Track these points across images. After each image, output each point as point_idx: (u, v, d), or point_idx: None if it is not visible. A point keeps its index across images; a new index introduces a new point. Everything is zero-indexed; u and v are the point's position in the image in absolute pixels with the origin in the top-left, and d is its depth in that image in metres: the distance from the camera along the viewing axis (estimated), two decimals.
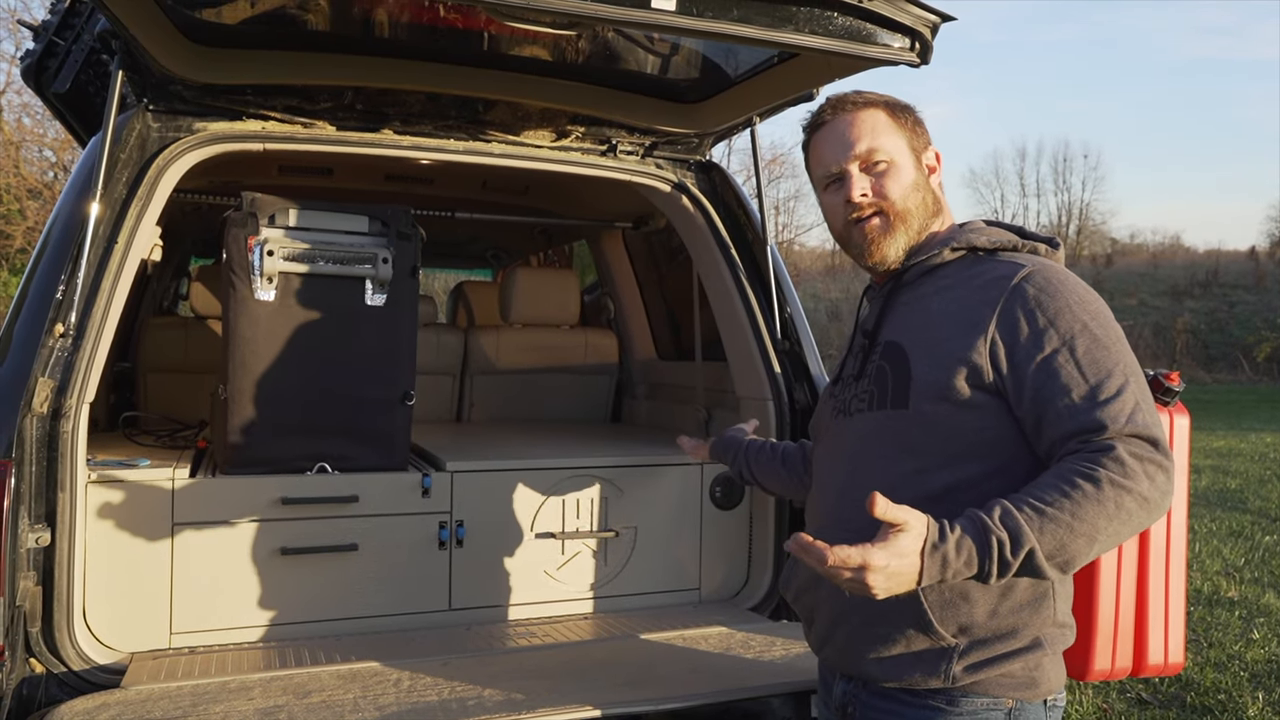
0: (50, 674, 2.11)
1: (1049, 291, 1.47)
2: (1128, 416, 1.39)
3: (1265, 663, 4.23)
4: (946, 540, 1.31)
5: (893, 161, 1.60)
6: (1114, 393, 1.40)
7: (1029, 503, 1.33)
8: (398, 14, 2.26)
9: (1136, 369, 1.46)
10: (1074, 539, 1.32)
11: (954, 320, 1.51)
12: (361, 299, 2.61)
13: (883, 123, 1.61)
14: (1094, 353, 1.43)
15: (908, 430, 1.51)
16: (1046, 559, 1.32)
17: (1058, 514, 1.32)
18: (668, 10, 1.87)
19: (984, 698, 1.48)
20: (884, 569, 1.28)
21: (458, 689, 2.05)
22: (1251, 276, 28.10)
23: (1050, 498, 1.33)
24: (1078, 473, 1.34)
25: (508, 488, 2.68)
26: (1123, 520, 1.34)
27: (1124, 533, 1.36)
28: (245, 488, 2.44)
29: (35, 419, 2.08)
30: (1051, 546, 1.32)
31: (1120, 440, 1.37)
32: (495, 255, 5.95)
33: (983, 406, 1.47)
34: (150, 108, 2.43)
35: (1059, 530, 1.31)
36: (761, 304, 2.86)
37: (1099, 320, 1.47)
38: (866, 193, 1.60)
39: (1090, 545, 1.34)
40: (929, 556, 1.30)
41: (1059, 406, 1.42)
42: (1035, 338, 1.45)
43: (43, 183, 16.98)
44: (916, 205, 1.61)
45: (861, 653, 1.55)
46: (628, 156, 2.91)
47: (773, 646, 2.37)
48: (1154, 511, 1.37)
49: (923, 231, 1.63)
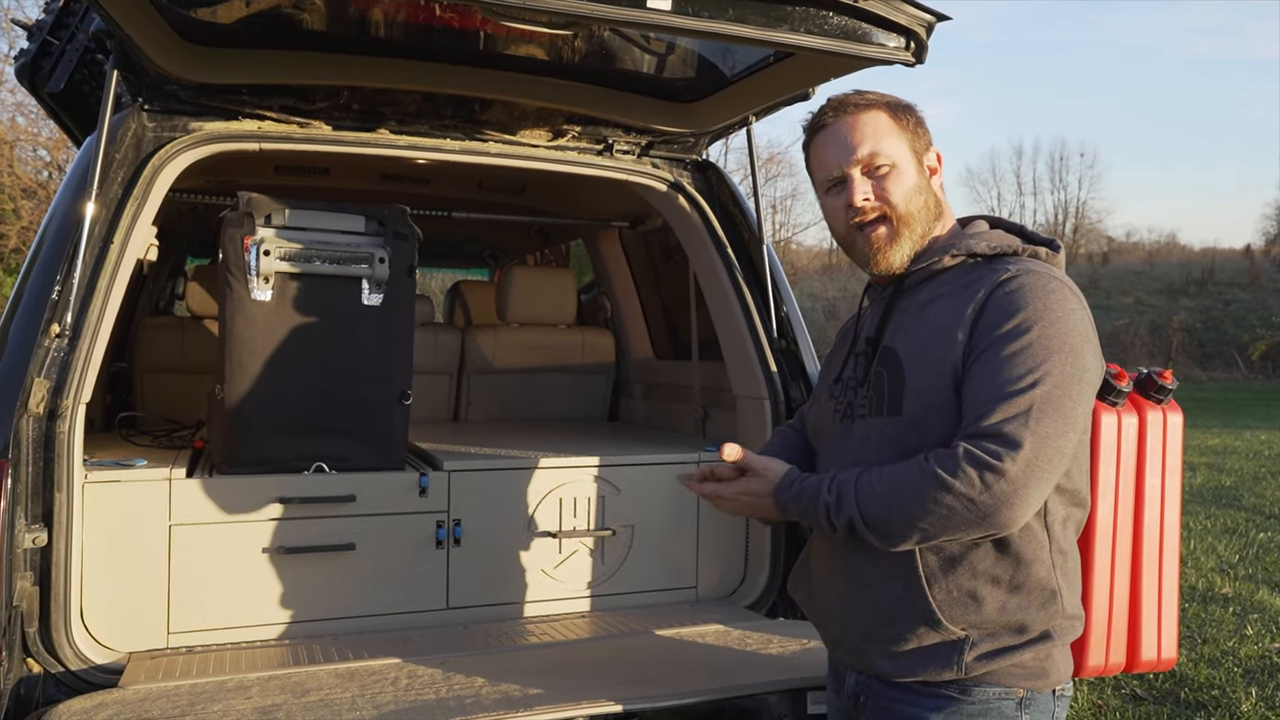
0: (48, 674, 2.11)
1: (1017, 294, 1.47)
2: (1003, 419, 1.39)
3: (1259, 659, 4.25)
4: (788, 490, 1.58)
5: (895, 165, 1.58)
6: (1010, 395, 1.40)
7: (868, 479, 1.49)
8: (394, 13, 2.26)
9: (1064, 380, 1.41)
10: (890, 518, 1.46)
11: (943, 328, 1.52)
12: (358, 299, 2.61)
13: (885, 125, 1.59)
14: (1022, 354, 1.42)
15: (904, 436, 1.53)
16: (868, 528, 1.47)
17: (883, 492, 1.46)
18: (663, 10, 1.87)
19: (996, 687, 1.49)
20: (731, 500, 1.66)
21: (455, 687, 2.05)
22: (1247, 275, 28.19)
23: (885, 478, 1.47)
24: (916, 464, 1.45)
25: (505, 487, 2.68)
26: (943, 516, 1.40)
27: (950, 527, 1.41)
28: (242, 487, 2.44)
29: (31, 419, 2.08)
30: (871, 516, 1.47)
31: (975, 440, 1.40)
32: (492, 255, 5.95)
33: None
34: (146, 107, 2.43)
35: (876, 506, 1.47)
36: (757, 303, 2.87)
37: (1050, 327, 1.44)
38: (869, 197, 1.59)
39: (910, 529, 1.44)
40: (776, 500, 1.60)
41: (968, 396, 1.45)
42: (985, 334, 1.46)
43: (37, 182, 16.93)
44: (919, 209, 1.60)
45: (874, 652, 1.56)
46: (624, 156, 2.92)
47: (769, 644, 2.38)
48: (986, 516, 1.38)
49: (926, 235, 1.62)
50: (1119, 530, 2.09)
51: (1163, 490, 2.12)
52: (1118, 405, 2.10)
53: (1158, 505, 2.12)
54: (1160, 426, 2.13)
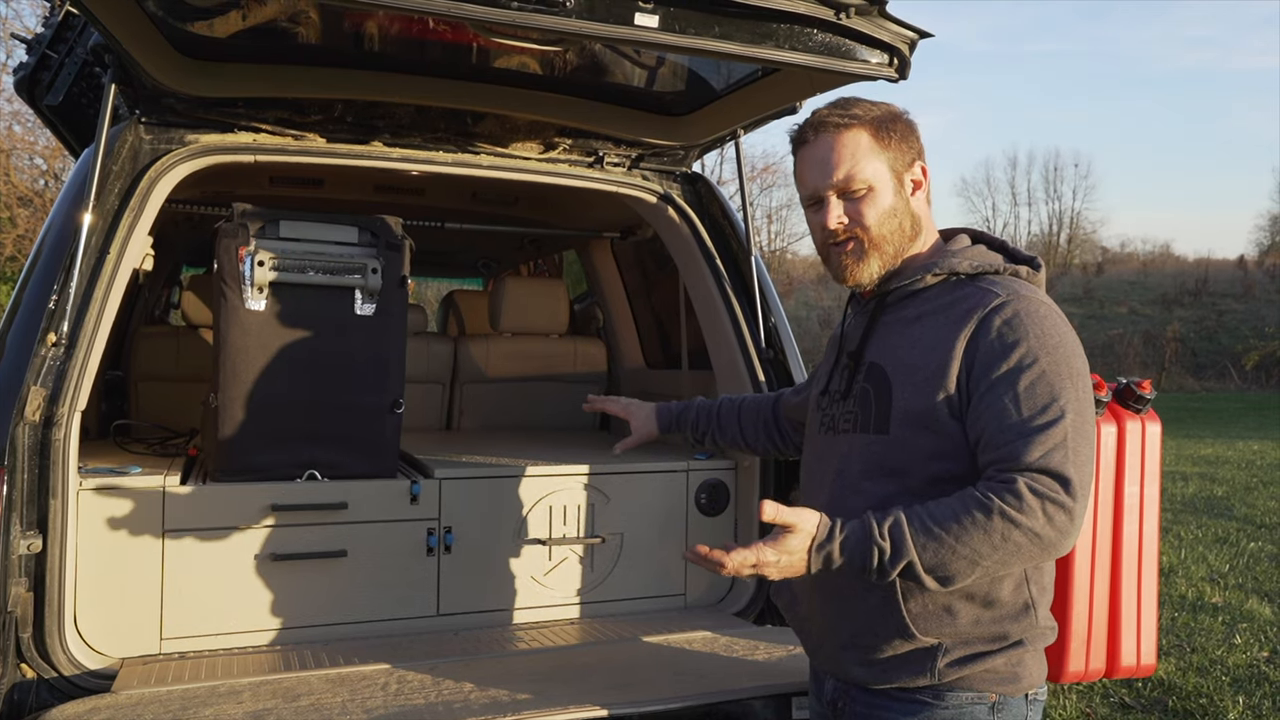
0: (41, 679, 2.13)
1: (1013, 324, 1.50)
2: (1046, 452, 1.43)
3: (1247, 667, 4.28)
4: (832, 541, 1.46)
5: (871, 188, 1.60)
6: (1042, 426, 1.44)
7: (920, 518, 1.44)
8: (387, 28, 2.30)
9: (1082, 406, 1.47)
10: (954, 560, 1.42)
11: (932, 349, 1.55)
12: (351, 309, 2.64)
13: (864, 146, 1.60)
14: (1037, 386, 1.46)
15: (889, 454, 1.56)
16: (926, 572, 1.43)
17: (943, 535, 1.42)
18: (650, 27, 1.92)
19: (968, 692, 1.53)
20: (775, 564, 1.47)
21: (445, 693, 2.08)
22: (1240, 285, 28.30)
23: (942, 517, 1.43)
24: (975, 499, 1.42)
25: (495, 494, 2.71)
26: (1009, 551, 1.41)
27: (1012, 562, 1.43)
28: (236, 495, 2.47)
29: (27, 427, 2.10)
30: (931, 563, 1.43)
31: (1027, 474, 1.42)
32: (485, 265, 5.98)
33: (956, 433, 1.52)
34: (143, 120, 2.46)
35: (941, 550, 1.42)
36: (746, 313, 2.91)
37: (1055, 355, 1.48)
38: (843, 220, 1.61)
39: (972, 568, 1.42)
40: (815, 554, 1.46)
41: (991, 433, 1.47)
42: (988, 366, 1.49)
43: (33, 190, 16.95)
44: (892, 231, 1.62)
45: (851, 659, 1.60)
46: (614, 168, 2.96)
47: (756, 650, 2.41)
48: (1048, 549, 1.43)
49: (899, 255, 1.64)
50: (1098, 538, 2.13)
51: (1141, 498, 2.16)
52: (1097, 415, 2.14)
53: (1136, 513, 2.16)
54: (1139, 436, 2.17)
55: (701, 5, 1.92)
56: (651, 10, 1.90)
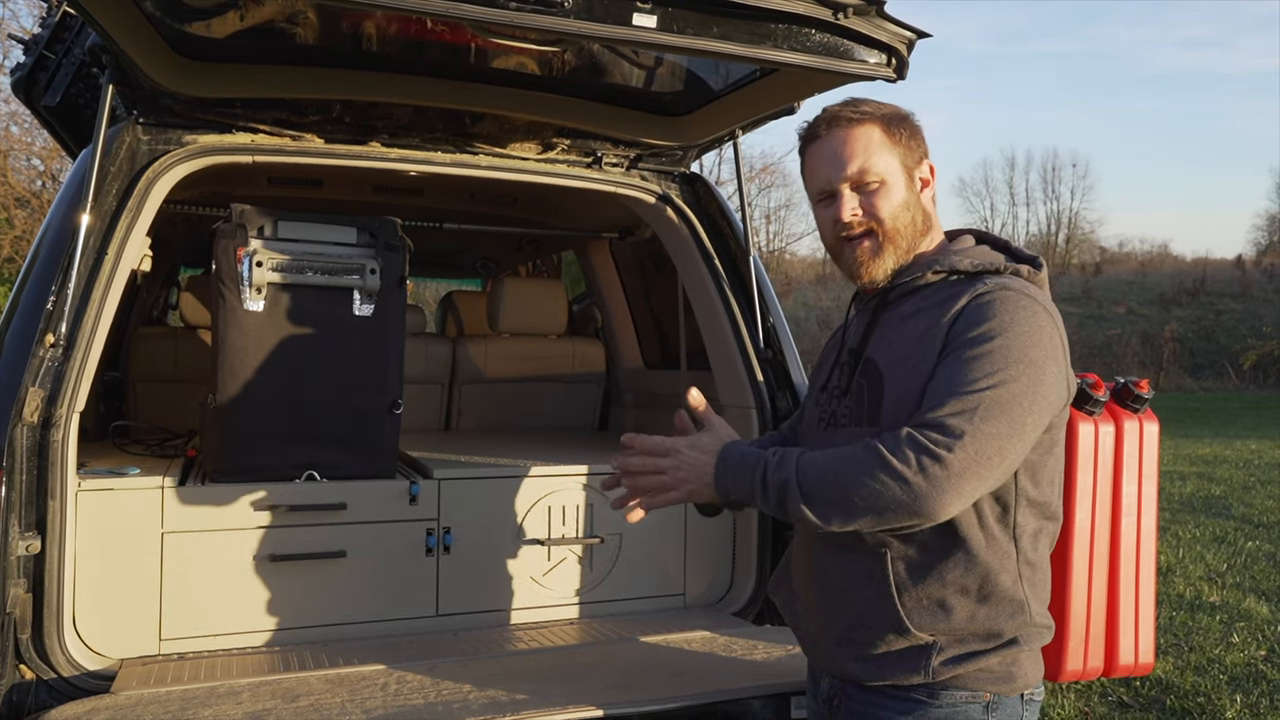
0: (40, 680, 2.13)
1: (986, 308, 1.50)
2: (952, 412, 1.41)
3: (1244, 666, 4.28)
4: (735, 450, 1.54)
5: (884, 181, 1.60)
6: (963, 392, 1.42)
7: (811, 453, 1.50)
8: (385, 29, 2.30)
9: (1018, 390, 1.43)
10: (826, 489, 1.45)
11: (921, 341, 1.55)
12: (349, 309, 2.64)
13: (877, 140, 1.60)
14: (980, 360, 1.45)
15: None
16: (802, 496, 1.46)
17: (823, 465, 1.47)
18: (649, 28, 1.92)
19: (962, 691, 1.53)
20: (682, 454, 1.56)
21: (444, 693, 2.08)
22: (1238, 285, 28.33)
23: (828, 454, 1.48)
24: (861, 442, 1.47)
25: (494, 495, 2.71)
26: (875, 491, 1.40)
27: (885, 508, 1.40)
28: (234, 496, 2.47)
29: (26, 428, 2.11)
30: (808, 486, 1.46)
31: (917, 427, 1.42)
32: (484, 265, 5.98)
33: None
34: (140, 121, 2.46)
35: (815, 476, 1.46)
36: (744, 314, 2.91)
37: (1013, 339, 1.46)
38: (857, 213, 1.61)
39: (842, 500, 1.43)
40: (719, 459, 1.54)
41: (927, 393, 1.47)
42: (951, 341, 1.49)
43: (31, 191, 16.93)
44: (906, 225, 1.62)
45: (846, 656, 1.60)
46: (613, 169, 2.96)
47: (755, 650, 2.41)
48: (920, 500, 1.39)
49: (911, 250, 1.64)
50: (1096, 537, 2.13)
51: (1139, 498, 2.16)
52: (1095, 414, 2.15)
53: (1134, 512, 2.16)
54: (1137, 435, 2.17)
55: (700, 5, 1.92)
56: (649, 10, 1.91)
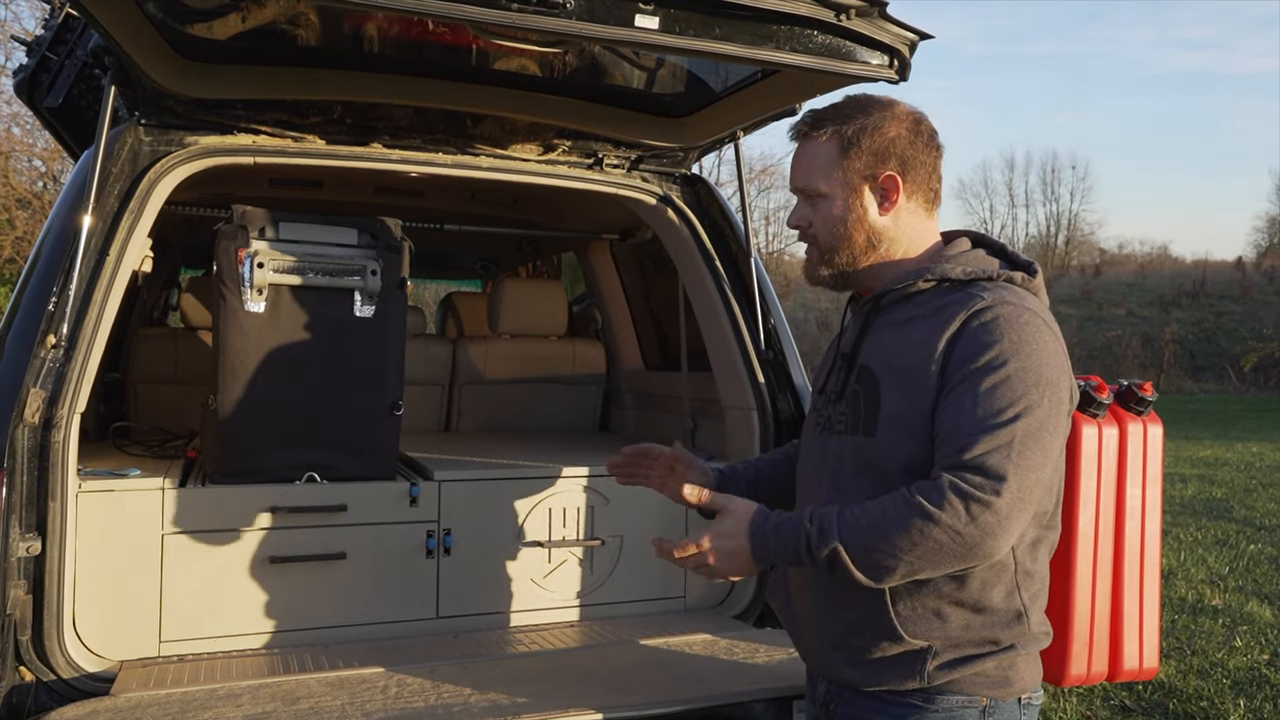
0: (40, 682, 2.13)
1: (989, 327, 1.49)
2: (987, 450, 1.41)
3: (1247, 670, 4.27)
4: (766, 523, 1.52)
5: (824, 196, 1.65)
6: (992, 426, 1.42)
7: (851, 511, 1.47)
8: (386, 30, 2.30)
9: (1044, 415, 1.44)
10: (875, 550, 1.43)
11: (914, 352, 1.54)
12: (350, 310, 2.64)
13: (826, 157, 1.63)
14: (999, 389, 1.44)
15: (876, 456, 1.56)
16: (853, 563, 1.44)
17: (868, 525, 1.44)
18: (651, 29, 1.91)
19: (959, 695, 1.52)
20: (716, 548, 1.54)
21: (444, 696, 2.07)
22: (1238, 287, 28.32)
23: (870, 511, 1.45)
24: (900, 495, 1.44)
25: (495, 497, 2.70)
26: (929, 548, 1.40)
27: (939, 560, 1.41)
28: (234, 497, 2.46)
29: (26, 429, 2.10)
30: (856, 551, 1.44)
31: (955, 472, 1.41)
32: (484, 266, 5.98)
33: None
34: (142, 122, 2.46)
35: (863, 538, 1.44)
36: (745, 315, 2.90)
37: (1026, 360, 1.46)
38: (801, 221, 1.69)
39: (896, 562, 1.42)
40: (751, 538, 1.52)
41: (945, 430, 1.46)
42: (958, 367, 1.48)
43: (32, 192, 16.94)
44: (840, 240, 1.65)
45: (841, 661, 1.60)
46: (614, 170, 2.95)
47: (756, 653, 2.40)
48: (974, 549, 1.40)
49: (853, 264, 1.66)
50: (1100, 541, 2.13)
51: (1143, 501, 2.16)
52: (1098, 417, 2.14)
53: (1138, 516, 2.16)
54: (1141, 438, 2.17)
55: (702, 7, 1.92)
56: (651, 12, 1.90)
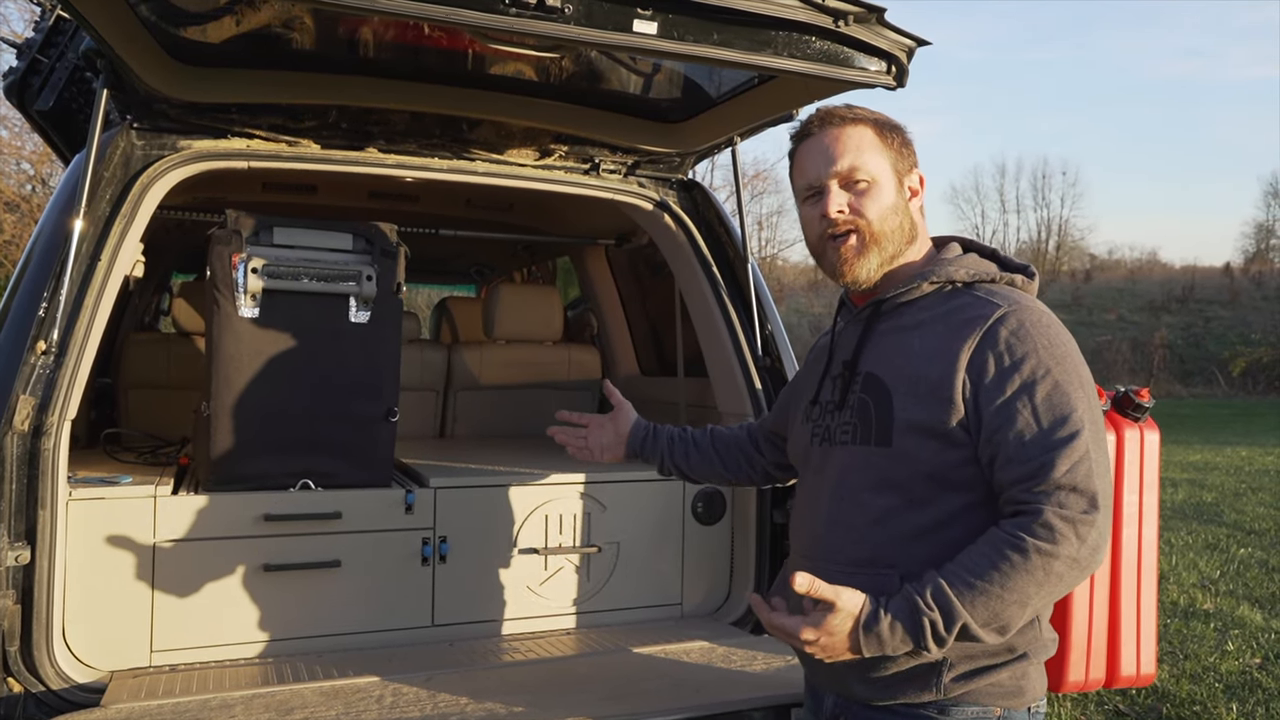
0: (29, 693, 2.10)
1: (1020, 335, 1.48)
2: (1070, 466, 1.41)
3: (1239, 674, 4.28)
4: (879, 622, 1.41)
5: (874, 181, 1.58)
6: (1062, 440, 1.42)
7: (960, 576, 1.40)
8: (382, 34, 2.28)
9: (1095, 415, 1.46)
10: (1006, 608, 1.39)
11: (933, 359, 1.52)
12: (345, 316, 2.62)
13: (869, 141, 1.59)
14: (1053, 398, 1.44)
15: (891, 467, 1.53)
16: (982, 627, 1.40)
17: (988, 586, 1.39)
18: (649, 34, 1.91)
19: (974, 706, 1.51)
20: (815, 643, 1.43)
21: (440, 705, 2.06)
22: (1227, 292, 28.54)
23: (981, 570, 1.40)
24: (1008, 541, 1.40)
25: (491, 503, 2.69)
26: (1053, 584, 1.40)
27: (1058, 592, 1.42)
28: (228, 504, 2.44)
29: (16, 436, 2.08)
30: (985, 617, 1.39)
31: (1053, 497, 1.40)
32: (479, 271, 5.96)
33: (962, 444, 1.49)
34: (135, 125, 2.44)
35: (990, 602, 1.39)
36: (742, 320, 2.90)
37: (1064, 365, 1.47)
38: (844, 209, 1.59)
39: (1023, 610, 1.41)
40: (864, 637, 1.41)
41: (1010, 448, 1.44)
42: (999, 380, 1.46)
43: (20, 195, 16.85)
44: (893, 229, 1.60)
45: (853, 677, 1.56)
46: (610, 175, 2.95)
47: (754, 660, 2.39)
48: (1085, 569, 1.41)
49: (896, 256, 1.62)
50: None
51: (1140, 507, 2.16)
52: None
53: (1135, 522, 2.16)
54: (1138, 444, 2.17)
55: (700, 12, 1.91)
56: (650, 17, 1.89)
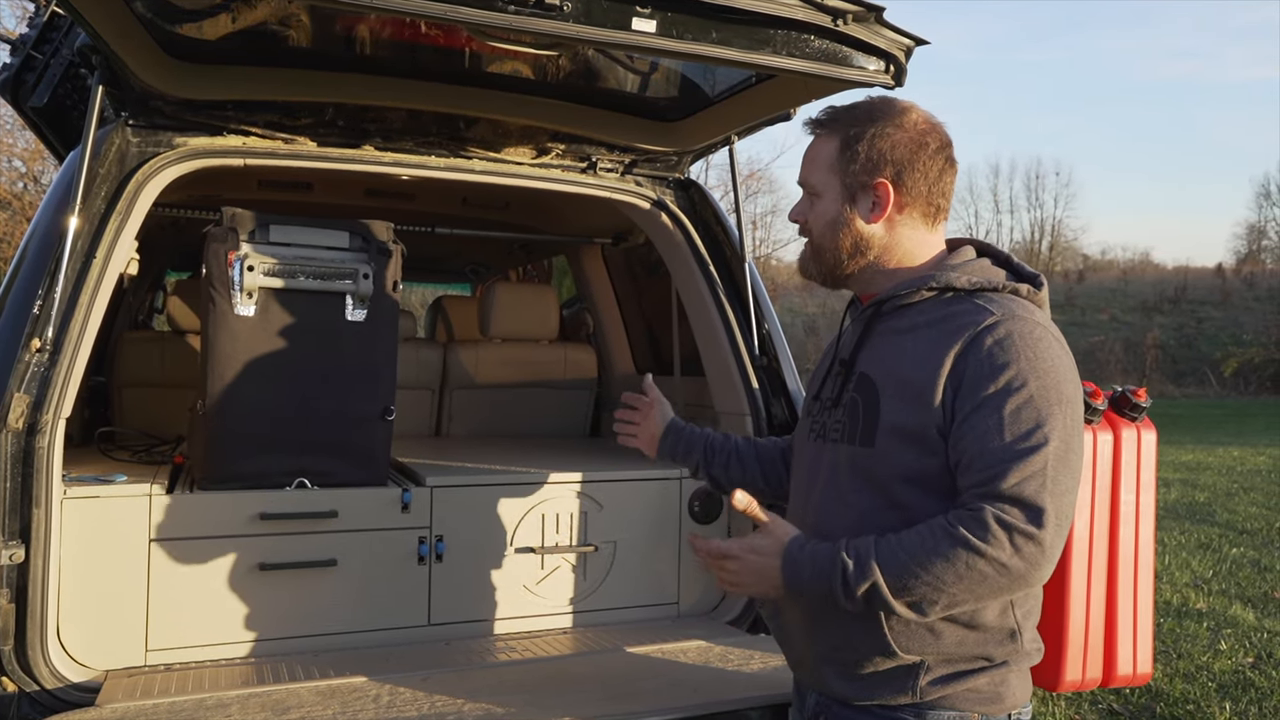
0: (23, 693, 2.09)
1: (1004, 345, 1.46)
2: (1022, 479, 1.39)
3: (1232, 673, 4.30)
4: (801, 551, 1.48)
5: (819, 195, 1.66)
6: (1022, 453, 1.40)
7: (888, 542, 1.44)
8: (379, 31, 2.28)
9: (1069, 435, 1.43)
10: (919, 585, 1.41)
11: (921, 364, 1.52)
12: (342, 314, 2.61)
13: (824, 156, 1.64)
14: (1023, 411, 1.43)
15: (874, 467, 1.54)
16: (892, 595, 1.42)
17: (907, 560, 1.41)
18: (648, 32, 1.91)
19: (950, 711, 1.51)
20: (740, 560, 1.51)
21: (437, 704, 2.05)
22: (1219, 293, 28.66)
23: (908, 544, 1.42)
24: (941, 527, 1.42)
25: (487, 503, 2.68)
26: (975, 581, 1.39)
27: (983, 592, 1.41)
28: (223, 503, 2.43)
29: (10, 434, 2.07)
30: (896, 585, 1.41)
31: (997, 503, 1.39)
32: (475, 270, 5.95)
33: (941, 451, 1.49)
34: (130, 123, 2.43)
35: (904, 573, 1.41)
36: (739, 320, 2.90)
37: (1045, 380, 1.45)
38: (799, 216, 1.70)
39: (939, 595, 1.41)
40: (783, 562, 1.49)
41: (971, 455, 1.44)
42: (975, 387, 1.46)
43: (12, 193, 16.78)
44: (830, 242, 1.65)
45: (832, 675, 1.58)
46: (607, 174, 2.94)
47: (750, 660, 2.39)
48: (1019, 580, 1.40)
49: (838, 267, 1.65)
50: (1094, 547, 2.13)
51: (1137, 507, 2.17)
52: (1093, 423, 2.15)
53: (1132, 522, 2.16)
54: (1135, 444, 2.18)
55: (699, 10, 1.91)
56: (648, 15, 1.89)
